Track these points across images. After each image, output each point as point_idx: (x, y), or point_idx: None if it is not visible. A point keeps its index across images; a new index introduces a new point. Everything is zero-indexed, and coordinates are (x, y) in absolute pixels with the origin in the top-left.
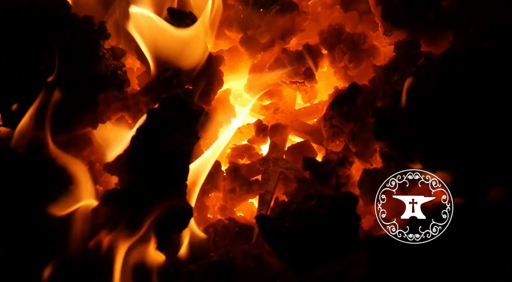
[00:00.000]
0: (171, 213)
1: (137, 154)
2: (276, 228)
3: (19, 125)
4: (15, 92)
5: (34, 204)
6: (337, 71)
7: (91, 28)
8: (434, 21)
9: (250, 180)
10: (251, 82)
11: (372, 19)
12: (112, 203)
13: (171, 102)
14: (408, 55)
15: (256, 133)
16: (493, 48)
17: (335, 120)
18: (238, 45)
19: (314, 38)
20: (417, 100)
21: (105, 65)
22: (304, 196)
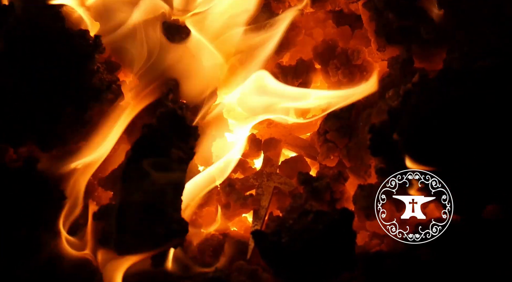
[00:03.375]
0: (166, 229)
1: (132, 169)
2: (273, 244)
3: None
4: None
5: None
6: (330, 86)
7: (86, 41)
8: (428, 37)
9: (244, 194)
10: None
11: (365, 34)
12: (106, 218)
13: (167, 117)
14: (402, 71)
15: (249, 148)
16: (491, 66)
17: (330, 135)
18: None
19: (307, 53)
20: (414, 117)
21: (100, 79)
22: (300, 212)
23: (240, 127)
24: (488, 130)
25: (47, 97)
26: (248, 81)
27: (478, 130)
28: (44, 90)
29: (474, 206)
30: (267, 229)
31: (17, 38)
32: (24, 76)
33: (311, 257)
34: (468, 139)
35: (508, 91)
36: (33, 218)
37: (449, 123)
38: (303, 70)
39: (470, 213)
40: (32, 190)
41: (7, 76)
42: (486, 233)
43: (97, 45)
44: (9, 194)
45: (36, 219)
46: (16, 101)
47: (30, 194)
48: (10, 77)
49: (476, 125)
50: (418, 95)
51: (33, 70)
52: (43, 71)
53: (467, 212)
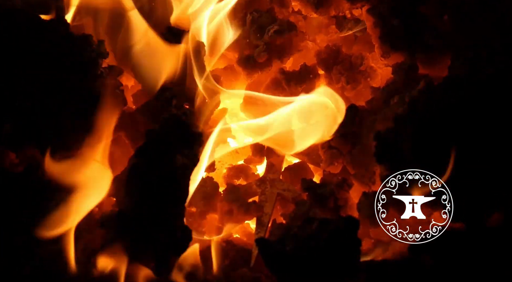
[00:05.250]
0: (170, 237)
1: (136, 175)
2: (277, 252)
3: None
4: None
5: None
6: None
7: (90, 46)
8: (432, 44)
9: (247, 201)
10: (247, 101)
11: (368, 39)
12: (110, 226)
13: (171, 123)
14: (406, 78)
15: (252, 154)
16: (496, 73)
17: (334, 142)
18: (234, 64)
19: (311, 59)
20: (420, 124)
21: (103, 84)
22: (304, 219)
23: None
24: (493, 138)
25: (50, 101)
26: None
27: (484, 138)
28: (46, 95)
29: (478, 213)
30: (271, 236)
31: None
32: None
33: (315, 265)
34: (473, 148)
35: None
36: (33, 223)
37: (455, 131)
38: (306, 76)
39: (473, 220)
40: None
41: (10, 80)
42: (489, 241)
43: (101, 50)
44: (9, 198)
45: (36, 225)
46: (18, 105)
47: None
48: (13, 81)
49: (482, 133)
50: (423, 102)
51: (36, 74)
52: (46, 75)
53: (471, 220)
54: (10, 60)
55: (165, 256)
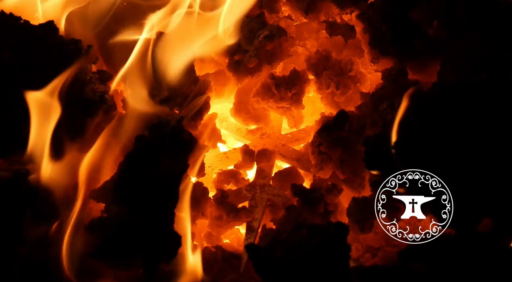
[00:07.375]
0: (159, 242)
1: (125, 181)
2: (267, 258)
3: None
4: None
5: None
6: (324, 97)
7: (78, 51)
8: (422, 49)
9: (237, 207)
10: (237, 106)
11: (357, 44)
12: (98, 231)
13: (160, 129)
14: (395, 83)
15: (242, 159)
16: (487, 81)
17: (324, 147)
18: (224, 69)
19: (301, 63)
20: (409, 131)
21: (92, 89)
22: (294, 225)
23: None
24: (483, 144)
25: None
26: None
27: (474, 145)
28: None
29: (469, 220)
30: (260, 242)
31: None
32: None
33: (305, 271)
34: (462, 153)
35: (502, 105)
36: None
37: (444, 137)
38: (296, 81)
39: (464, 227)
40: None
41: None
42: (480, 247)
43: (90, 55)
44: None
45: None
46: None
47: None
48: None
49: (472, 139)
50: (413, 109)
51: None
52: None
53: (462, 226)
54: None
55: (154, 262)
